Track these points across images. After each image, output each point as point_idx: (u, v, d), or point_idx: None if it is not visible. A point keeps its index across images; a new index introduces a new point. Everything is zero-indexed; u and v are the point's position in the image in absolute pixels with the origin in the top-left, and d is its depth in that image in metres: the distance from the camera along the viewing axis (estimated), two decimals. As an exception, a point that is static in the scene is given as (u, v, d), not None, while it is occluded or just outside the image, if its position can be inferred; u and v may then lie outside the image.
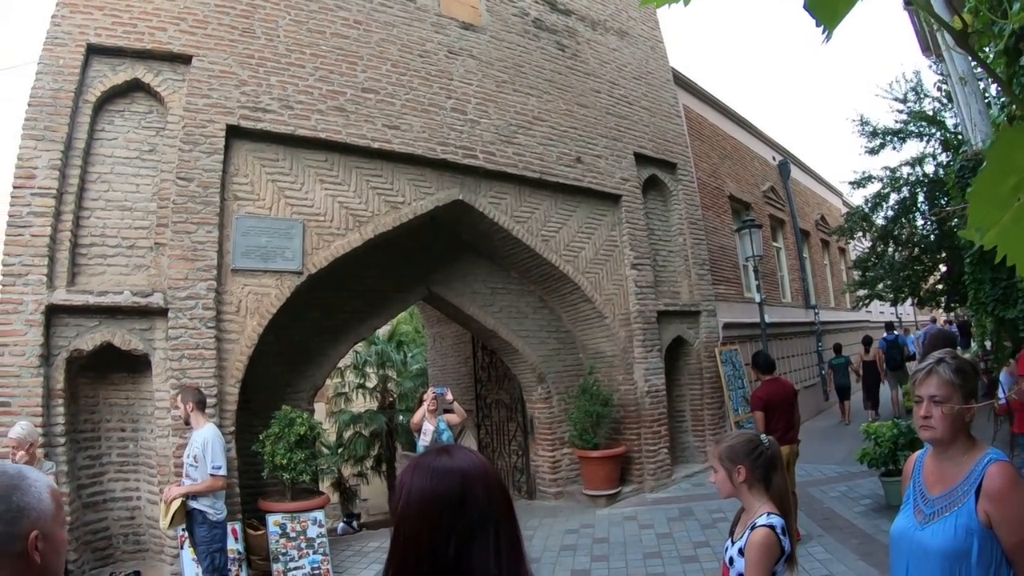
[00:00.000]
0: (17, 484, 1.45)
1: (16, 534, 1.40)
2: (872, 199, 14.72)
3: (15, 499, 1.43)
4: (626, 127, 10.37)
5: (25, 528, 1.41)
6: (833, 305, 20.51)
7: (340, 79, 7.61)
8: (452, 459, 1.32)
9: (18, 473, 1.49)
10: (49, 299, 5.86)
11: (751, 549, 2.32)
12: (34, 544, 1.42)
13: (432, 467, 1.31)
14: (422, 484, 1.28)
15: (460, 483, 1.26)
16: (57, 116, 6.20)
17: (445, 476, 1.28)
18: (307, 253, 7.12)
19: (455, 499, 1.24)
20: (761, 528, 2.33)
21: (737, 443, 2.55)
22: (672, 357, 10.52)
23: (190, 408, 5.36)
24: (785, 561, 2.35)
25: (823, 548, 6.20)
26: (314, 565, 6.50)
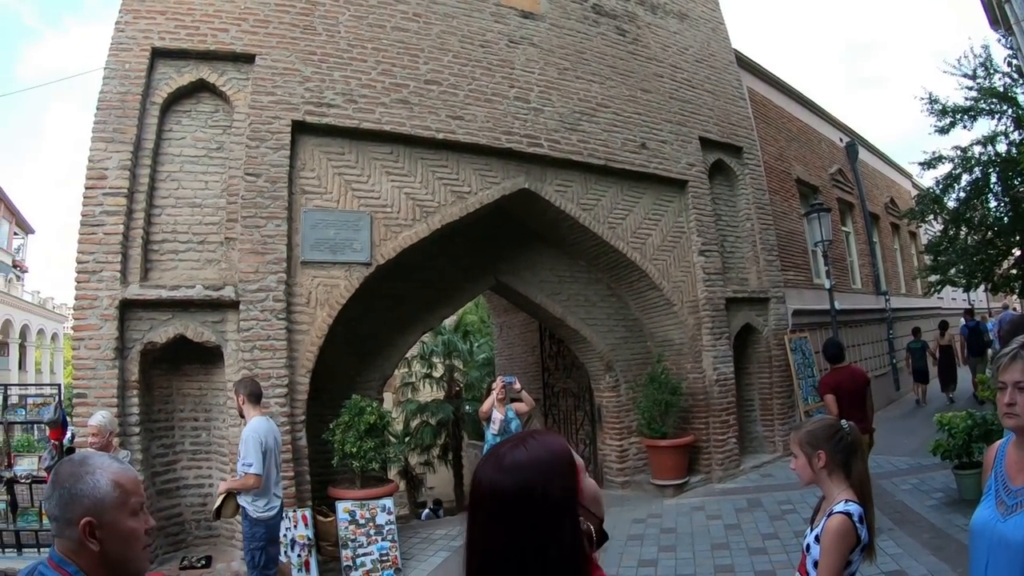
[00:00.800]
0: (76, 471, 1.52)
1: (70, 520, 1.47)
2: (943, 180, 14.15)
3: (68, 486, 1.49)
4: (690, 111, 10.16)
5: (77, 515, 1.47)
6: (904, 291, 19.82)
7: (402, 72, 7.66)
8: (526, 451, 1.26)
9: (81, 460, 1.57)
10: (123, 294, 6.08)
11: (826, 536, 2.27)
12: (85, 531, 1.47)
13: (504, 460, 1.25)
14: (492, 477, 1.24)
15: (529, 477, 1.20)
16: (125, 118, 6.43)
17: (515, 470, 1.22)
18: (375, 244, 7.20)
19: (525, 494, 1.19)
20: (837, 515, 2.28)
21: (818, 428, 2.51)
22: (741, 345, 10.31)
23: (242, 400, 5.37)
24: (862, 551, 2.29)
25: (894, 542, 6.00)
26: (382, 551, 6.59)
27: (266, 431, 5.12)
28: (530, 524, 1.17)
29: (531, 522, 1.17)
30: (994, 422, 7.16)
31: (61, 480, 1.50)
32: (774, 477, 9.14)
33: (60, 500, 1.48)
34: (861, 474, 2.43)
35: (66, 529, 1.48)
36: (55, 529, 1.50)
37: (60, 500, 1.48)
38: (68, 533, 1.48)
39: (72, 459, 1.57)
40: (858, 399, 6.34)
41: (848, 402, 6.29)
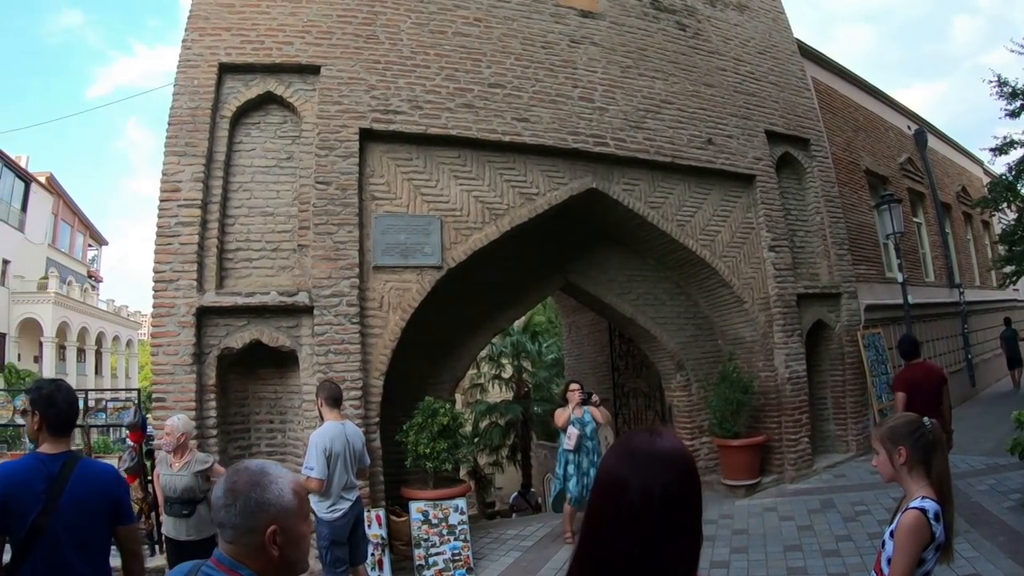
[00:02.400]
0: (258, 481, 1.57)
1: (254, 528, 1.53)
2: (1016, 166, 13.61)
3: (254, 495, 1.54)
4: (755, 104, 9.98)
5: (263, 522, 1.54)
6: (978, 284, 19.07)
7: (466, 76, 7.74)
8: (659, 442, 1.26)
9: (260, 470, 1.61)
10: (200, 302, 6.31)
11: (899, 532, 2.25)
12: (271, 539, 1.53)
13: (634, 451, 1.25)
14: (617, 469, 1.23)
15: (653, 471, 1.20)
16: (196, 132, 6.68)
17: (644, 462, 1.21)
18: (445, 248, 7.29)
19: (647, 488, 1.18)
20: (911, 511, 2.26)
21: (899, 424, 2.50)
22: (812, 342, 10.06)
23: (319, 404, 5.51)
24: (936, 549, 2.25)
25: (969, 544, 5.78)
26: (455, 551, 6.64)
27: (334, 436, 5.19)
28: (662, 514, 1.17)
29: (667, 512, 1.17)
30: None
31: (243, 489, 1.55)
32: (847, 477, 8.93)
33: (245, 508, 1.53)
34: (941, 472, 2.40)
35: (245, 536, 1.54)
36: (228, 535, 1.55)
37: (245, 508, 1.53)
38: (247, 540, 1.54)
39: (248, 468, 1.62)
40: (933, 398, 6.05)
41: (922, 401, 5.98)
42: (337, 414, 5.45)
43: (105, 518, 2.64)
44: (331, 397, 5.47)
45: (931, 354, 13.75)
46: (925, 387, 6.13)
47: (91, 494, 2.59)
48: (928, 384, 6.17)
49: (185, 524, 5.05)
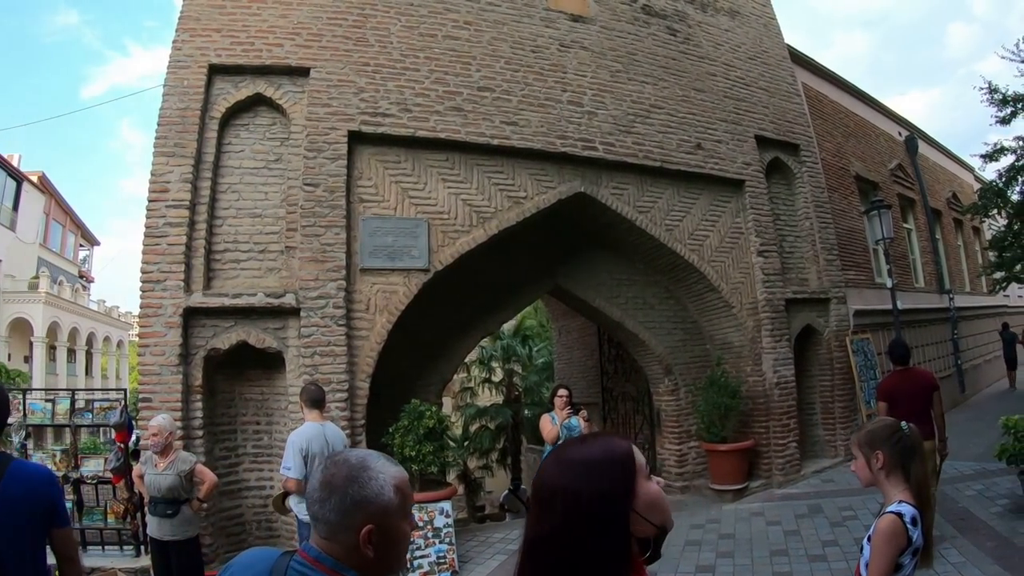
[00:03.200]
0: (356, 476, 1.46)
1: (350, 526, 1.43)
2: (1006, 172, 13.64)
3: (351, 491, 1.44)
4: (745, 110, 10.02)
5: (359, 521, 1.44)
6: (968, 289, 19.14)
7: (455, 80, 7.75)
8: (583, 449, 1.31)
9: (360, 464, 1.50)
10: (187, 302, 6.32)
11: (875, 536, 2.26)
12: (367, 539, 1.43)
13: (561, 457, 1.31)
14: (548, 472, 1.29)
15: (580, 475, 1.23)
16: (186, 133, 6.69)
17: (569, 467, 1.26)
18: (433, 251, 7.30)
19: (573, 490, 1.22)
20: (887, 515, 2.27)
21: (877, 428, 2.51)
22: (801, 347, 10.09)
23: (301, 405, 5.55)
24: (913, 554, 2.24)
25: (957, 551, 5.80)
26: (440, 554, 6.63)
27: (311, 436, 5.20)
28: (575, 520, 1.20)
29: (576, 518, 1.20)
30: None
31: (341, 484, 1.46)
32: (835, 482, 8.94)
33: (341, 505, 1.44)
34: (920, 477, 2.39)
35: (341, 533, 1.45)
36: (323, 531, 1.47)
37: (341, 505, 1.44)
38: (343, 537, 1.45)
39: (348, 461, 1.51)
40: (919, 406, 5.78)
41: (907, 409, 5.74)
42: (317, 415, 5.47)
43: (39, 521, 2.54)
44: (310, 399, 5.48)
45: (921, 359, 13.77)
46: (910, 394, 5.97)
47: (22, 496, 2.48)
48: (914, 391, 6.02)
49: (169, 524, 5.03)
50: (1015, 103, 13.45)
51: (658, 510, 1.27)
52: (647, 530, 1.25)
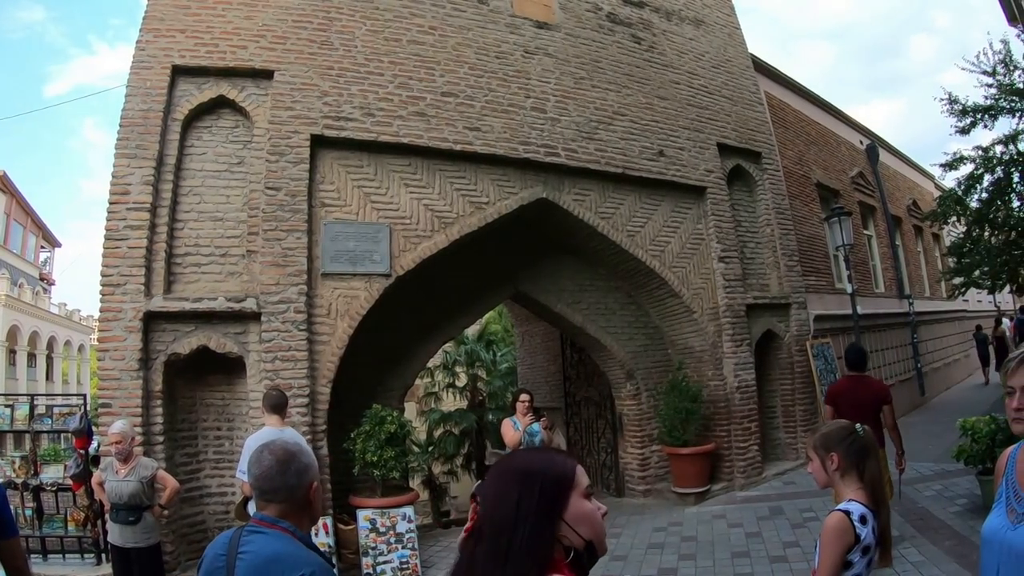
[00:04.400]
0: (298, 450, 2.02)
1: (302, 484, 1.96)
2: (965, 181, 13.95)
3: (302, 459, 1.99)
4: (708, 117, 10.14)
5: (308, 480, 1.98)
6: (928, 295, 19.52)
7: (419, 85, 7.74)
8: (523, 461, 1.42)
9: (293, 444, 2.07)
10: (147, 306, 6.22)
11: (822, 533, 2.29)
12: (315, 492, 2.00)
13: (500, 465, 1.43)
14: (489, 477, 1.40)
15: (510, 483, 1.32)
16: (148, 135, 6.58)
17: (502, 475, 1.37)
18: (394, 256, 7.27)
19: (502, 496, 1.31)
20: (834, 512, 2.29)
21: (831, 431, 2.52)
22: (762, 351, 10.22)
23: (263, 410, 5.54)
24: (863, 552, 2.24)
25: (916, 550, 5.91)
26: (403, 559, 6.62)
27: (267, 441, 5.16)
28: (500, 525, 1.27)
29: (501, 523, 1.27)
30: None
31: (292, 456, 1.98)
32: (796, 484, 9.03)
33: (298, 470, 1.95)
34: (874, 476, 2.41)
35: (296, 492, 1.95)
36: (281, 496, 1.93)
37: (298, 470, 1.95)
38: (296, 496, 1.95)
39: (284, 443, 2.05)
40: (866, 415, 5.34)
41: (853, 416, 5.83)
42: (277, 420, 5.44)
43: None
44: (271, 404, 5.47)
45: (881, 363, 14.03)
46: (858, 402, 5.80)
47: None
48: (863, 400, 5.83)
49: (131, 531, 4.98)
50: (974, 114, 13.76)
51: (587, 525, 1.32)
52: (575, 540, 1.30)
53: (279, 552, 1.83)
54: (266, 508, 1.94)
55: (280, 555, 1.82)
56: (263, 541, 1.86)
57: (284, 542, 1.86)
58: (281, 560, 1.80)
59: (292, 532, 1.91)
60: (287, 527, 1.90)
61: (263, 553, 1.82)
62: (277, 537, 1.87)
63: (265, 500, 1.95)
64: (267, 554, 1.82)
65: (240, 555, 1.83)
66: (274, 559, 1.81)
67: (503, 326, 20.96)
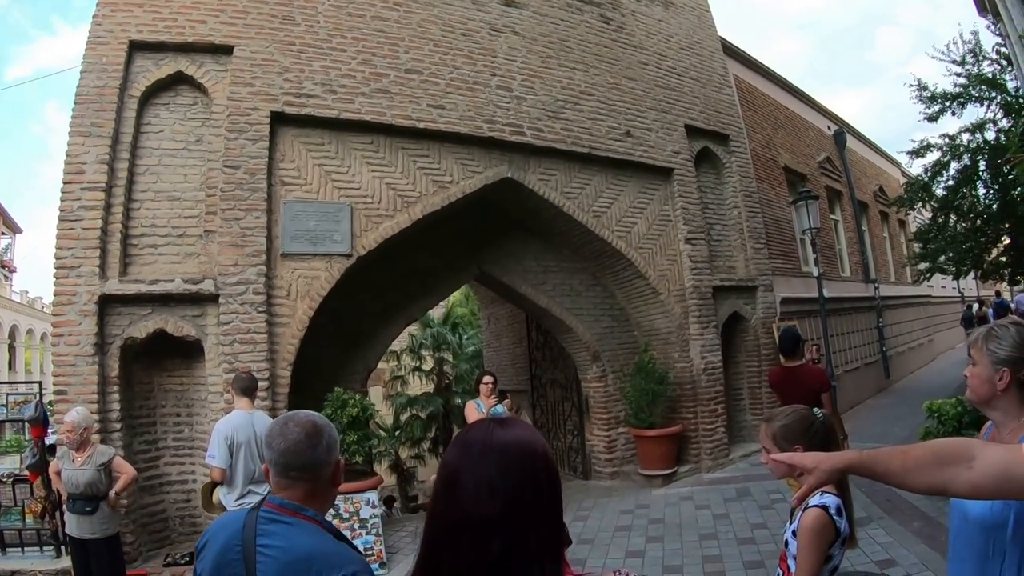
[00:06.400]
0: (324, 423, 1.81)
1: (330, 460, 1.78)
2: (932, 168, 14.12)
3: (330, 433, 1.80)
4: (676, 99, 10.10)
5: (336, 458, 1.81)
6: (893, 280, 19.81)
7: (383, 61, 7.58)
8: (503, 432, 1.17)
9: (316, 415, 1.84)
10: (102, 289, 6.04)
11: (802, 532, 2.17)
12: (340, 471, 1.83)
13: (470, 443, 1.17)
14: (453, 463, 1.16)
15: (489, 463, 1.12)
16: (103, 112, 6.38)
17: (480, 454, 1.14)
18: (356, 236, 7.14)
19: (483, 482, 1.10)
20: (812, 508, 2.17)
21: (792, 421, 2.40)
22: (729, 333, 10.27)
23: (232, 393, 5.41)
24: (842, 544, 2.19)
25: (884, 531, 5.95)
26: (367, 545, 6.50)
27: (237, 425, 5.02)
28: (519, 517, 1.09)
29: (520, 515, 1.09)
30: None
31: (321, 430, 1.78)
32: (763, 466, 8.94)
33: (328, 444, 1.77)
34: None
35: (324, 469, 1.76)
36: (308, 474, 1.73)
37: (328, 444, 1.77)
38: (324, 473, 1.77)
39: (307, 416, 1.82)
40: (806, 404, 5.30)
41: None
42: (247, 403, 5.30)
43: None
44: (241, 387, 5.32)
45: (846, 347, 14.19)
46: (796, 392, 5.55)
47: None
48: (799, 393, 5.51)
49: (88, 522, 4.86)
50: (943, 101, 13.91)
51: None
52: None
53: (313, 550, 1.61)
54: (287, 489, 1.71)
55: (314, 553, 1.60)
56: (290, 534, 1.63)
57: (315, 536, 1.65)
58: (316, 559, 1.59)
59: (320, 522, 1.70)
60: (314, 516, 1.69)
61: (295, 550, 1.60)
62: (306, 529, 1.65)
63: (289, 479, 1.71)
64: (301, 552, 1.60)
65: (262, 549, 1.61)
66: (308, 558, 1.59)
67: (470, 309, 20.91)
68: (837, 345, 13.32)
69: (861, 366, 14.90)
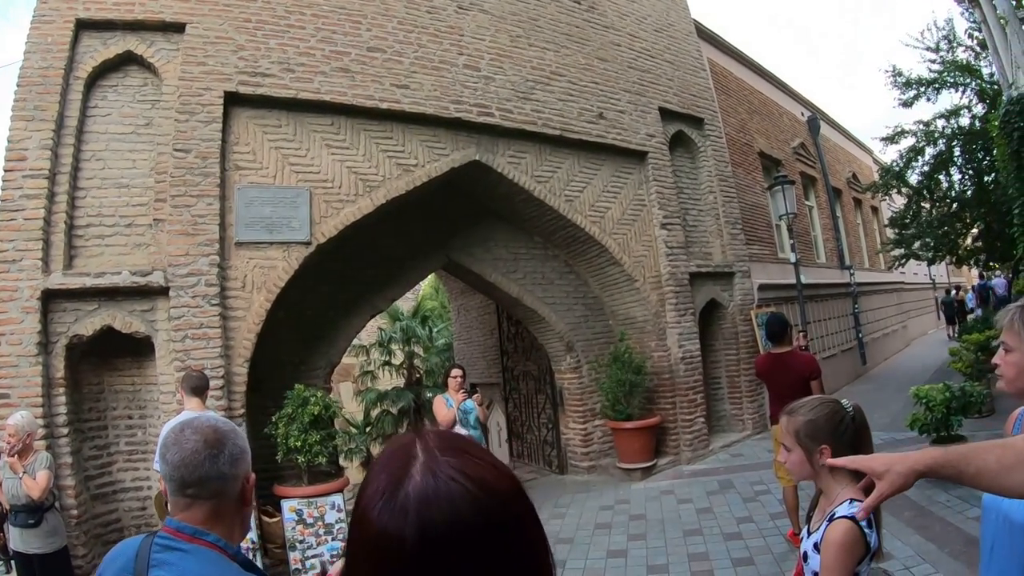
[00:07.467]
0: (229, 429, 1.51)
1: (238, 475, 1.48)
2: (906, 154, 14.11)
3: (236, 442, 1.49)
4: (649, 81, 9.84)
5: (244, 470, 1.50)
6: (868, 266, 19.87)
7: (344, 39, 7.21)
8: (456, 478, 0.74)
9: (220, 420, 1.56)
10: (45, 284, 5.63)
11: (828, 548, 1.79)
12: (251, 487, 1.52)
13: (408, 495, 0.72)
14: (384, 522, 0.72)
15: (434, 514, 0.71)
16: (47, 95, 5.98)
17: (421, 504, 0.71)
18: (315, 222, 6.78)
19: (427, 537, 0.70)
20: (841, 521, 1.79)
21: (820, 417, 1.99)
22: (706, 321, 10.08)
23: (181, 393, 5.18)
24: (871, 559, 1.82)
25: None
26: (333, 552, 6.22)
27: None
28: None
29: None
30: (972, 394, 6.91)
31: (223, 438, 1.47)
32: (745, 456, 8.92)
33: (232, 456, 1.46)
34: None
35: (230, 484, 1.46)
36: (208, 491, 1.44)
37: (232, 456, 1.46)
38: (231, 490, 1.46)
39: (208, 421, 1.52)
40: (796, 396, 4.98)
41: (776, 394, 5.57)
42: (198, 404, 5.05)
43: None
44: (191, 386, 5.09)
45: (823, 333, 14.10)
46: (783, 383, 5.52)
47: None
48: (787, 380, 5.49)
49: (33, 535, 4.58)
50: (918, 86, 13.90)
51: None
52: None
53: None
54: (187, 510, 1.43)
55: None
56: (185, 564, 1.37)
57: (216, 565, 1.39)
58: None
59: (223, 549, 1.43)
60: (215, 541, 1.42)
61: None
62: (205, 557, 1.39)
63: (187, 498, 1.43)
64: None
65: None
66: None
67: (440, 302, 20.65)
68: (814, 332, 13.23)
69: (838, 353, 14.84)
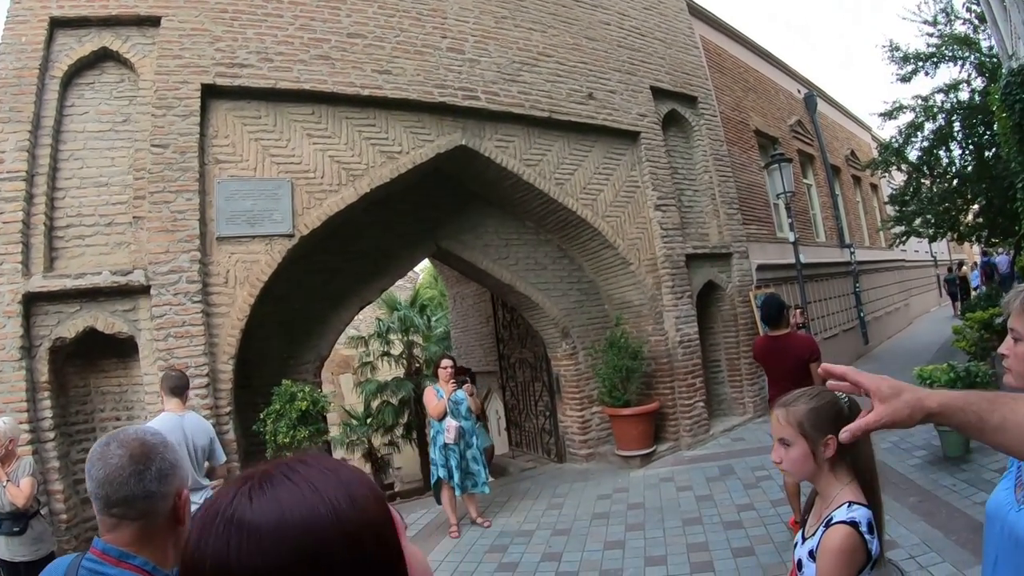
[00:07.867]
0: (158, 442, 1.44)
1: (167, 493, 1.40)
2: (905, 129, 13.89)
3: (166, 456, 1.41)
4: (640, 60, 9.63)
5: (174, 486, 1.42)
6: (868, 244, 19.68)
7: (323, 26, 7.03)
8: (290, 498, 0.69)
9: (150, 433, 1.47)
10: (26, 287, 5.49)
11: (825, 556, 1.62)
12: (184, 506, 1.43)
13: (241, 522, 0.66)
14: (219, 553, 0.66)
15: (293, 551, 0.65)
16: (22, 95, 5.84)
17: (265, 541, 0.65)
18: (297, 214, 6.61)
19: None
20: (839, 526, 1.63)
21: (823, 406, 1.79)
22: (704, 303, 9.92)
23: (161, 395, 5.00)
24: (872, 566, 1.63)
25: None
26: (331, 551, 6.05)
27: (167, 430, 4.54)
28: None
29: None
30: (978, 374, 6.75)
31: (151, 452, 1.39)
32: (745, 441, 8.78)
33: (160, 472, 1.38)
34: (869, 461, 1.77)
35: (159, 503, 1.37)
36: (136, 511, 1.36)
37: (160, 472, 1.38)
38: (160, 508, 1.37)
39: (135, 434, 1.44)
40: (790, 379, 4.78)
41: (775, 378, 5.40)
42: (177, 404, 4.88)
43: None
44: (170, 387, 4.91)
45: (823, 313, 13.95)
46: (781, 367, 5.38)
47: None
48: (785, 364, 5.36)
49: (18, 543, 4.44)
50: (916, 61, 13.68)
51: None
52: None
53: None
54: (114, 530, 1.37)
55: None
56: None
57: None
58: None
59: (151, 573, 1.35)
60: (142, 565, 1.34)
61: None
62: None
63: (113, 517, 1.36)
64: None
65: None
66: None
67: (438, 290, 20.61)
68: (815, 312, 13.07)
69: (840, 332, 14.69)
